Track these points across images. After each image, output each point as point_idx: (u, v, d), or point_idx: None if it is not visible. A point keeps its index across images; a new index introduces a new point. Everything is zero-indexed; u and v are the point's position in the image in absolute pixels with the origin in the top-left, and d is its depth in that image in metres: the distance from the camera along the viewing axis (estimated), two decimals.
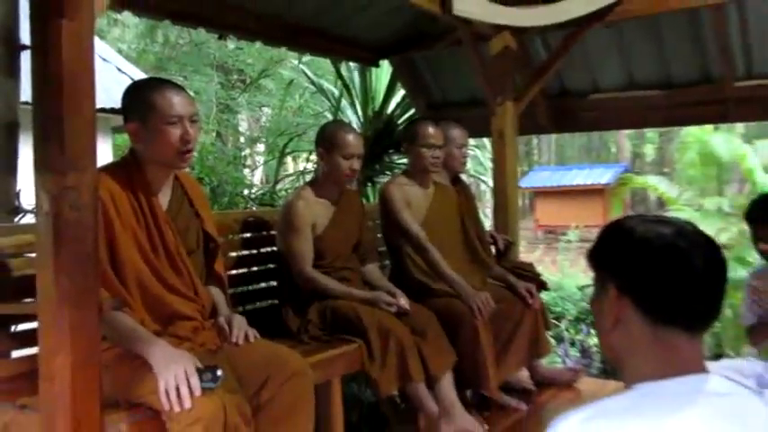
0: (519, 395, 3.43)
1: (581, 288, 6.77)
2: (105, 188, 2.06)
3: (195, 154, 5.35)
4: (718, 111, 4.22)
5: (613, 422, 0.99)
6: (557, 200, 20.28)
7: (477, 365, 3.04)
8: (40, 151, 1.74)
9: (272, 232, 3.21)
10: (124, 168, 2.20)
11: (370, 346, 2.74)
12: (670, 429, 0.97)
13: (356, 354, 2.74)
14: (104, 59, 8.02)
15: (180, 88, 2.20)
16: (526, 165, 28.15)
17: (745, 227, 3.26)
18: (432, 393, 2.88)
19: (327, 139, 2.99)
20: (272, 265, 3.21)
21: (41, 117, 1.74)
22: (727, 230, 6.39)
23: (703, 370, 1.09)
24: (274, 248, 3.17)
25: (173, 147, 2.13)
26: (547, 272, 7.84)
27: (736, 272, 5.99)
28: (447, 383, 2.89)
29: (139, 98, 2.14)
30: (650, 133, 26.18)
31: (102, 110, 5.51)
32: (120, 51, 10.80)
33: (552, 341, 5.90)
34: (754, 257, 3.46)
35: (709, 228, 6.84)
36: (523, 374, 3.62)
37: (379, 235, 3.50)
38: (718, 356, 5.94)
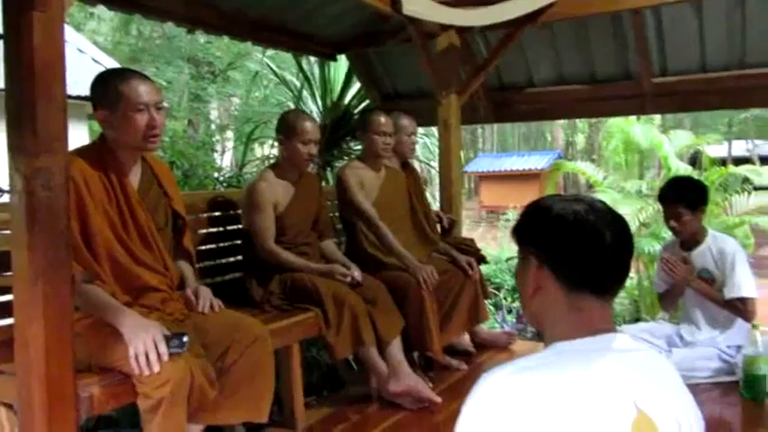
0: (461, 357, 3.49)
1: (507, 260, 6.87)
2: (78, 169, 2.01)
3: (167, 139, 5.28)
4: (637, 104, 4.30)
5: (533, 375, 1.01)
6: (499, 183, 20.53)
7: (422, 331, 3.07)
8: (14, 135, 1.69)
9: (238, 211, 3.18)
10: (96, 151, 2.14)
11: (327, 314, 2.75)
12: (581, 380, 1.00)
13: (314, 321, 2.74)
14: (81, 51, 7.74)
15: (145, 78, 2.15)
16: (472, 152, 28.36)
17: (660, 206, 3.35)
18: (382, 356, 2.90)
19: (287, 127, 2.96)
20: (237, 242, 3.17)
21: (15, 102, 1.68)
22: (645, 210, 6.54)
23: (612, 330, 1.11)
24: (240, 226, 3.14)
25: (140, 132, 2.09)
26: (488, 247, 7.95)
27: (653, 247, 6.15)
28: (396, 347, 2.91)
29: (108, 88, 2.08)
30: (581, 124, 26.61)
31: (78, 97, 5.33)
32: (95, 43, 10.45)
33: (492, 308, 6.01)
34: (668, 233, 3.56)
35: (629, 208, 7.02)
36: (465, 338, 3.68)
37: (335, 214, 3.49)
38: (636, 321, 6.10)
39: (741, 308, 3.14)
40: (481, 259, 3.73)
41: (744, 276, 3.12)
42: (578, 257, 1.09)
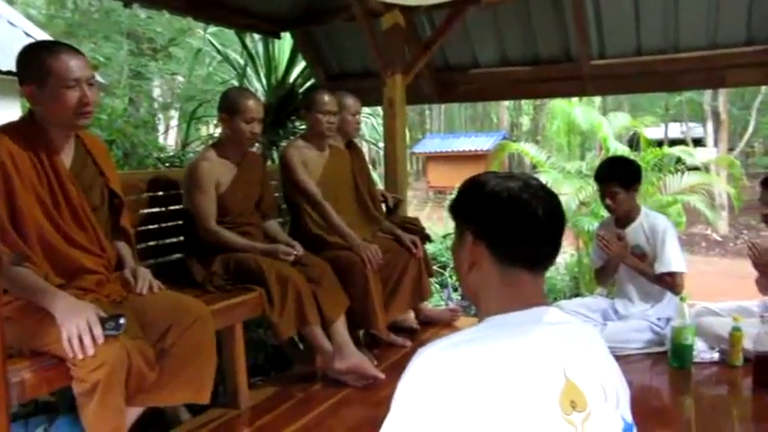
0: (405, 334, 3.53)
1: (444, 237, 6.93)
2: (4, 147, 1.92)
3: (105, 117, 5.10)
4: (578, 85, 4.38)
5: (466, 349, 1.03)
6: (446, 163, 20.71)
7: (367, 309, 3.08)
8: None
9: (180, 191, 3.11)
10: (24, 129, 2.05)
11: (270, 293, 2.73)
12: (513, 351, 1.02)
13: (257, 301, 2.71)
14: (12, 24, 7.36)
15: (76, 51, 2.05)
16: (420, 132, 28.45)
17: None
18: (327, 335, 2.90)
19: (229, 105, 2.90)
20: (179, 222, 3.11)
21: None
22: (584, 189, 6.71)
23: (544, 303, 1.14)
24: (181, 206, 3.07)
25: (71, 109, 2.00)
26: (435, 227, 8.01)
27: (593, 225, 6.33)
28: (340, 325, 2.92)
29: (35, 62, 1.98)
30: (526, 105, 27.01)
31: (9, 73, 5.07)
32: (29, 17, 9.94)
33: (437, 287, 6.08)
34: (606, 212, 3.67)
35: (570, 187, 7.20)
36: (409, 315, 3.72)
37: (279, 194, 3.45)
38: (576, 296, 6.24)
39: (671, 282, 3.28)
40: (426, 238, 3.76)
41: (673, 252, 3.26)
42: (512, 233, 1.11)
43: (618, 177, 3.28)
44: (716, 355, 3.09)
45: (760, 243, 3.24)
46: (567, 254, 9.28)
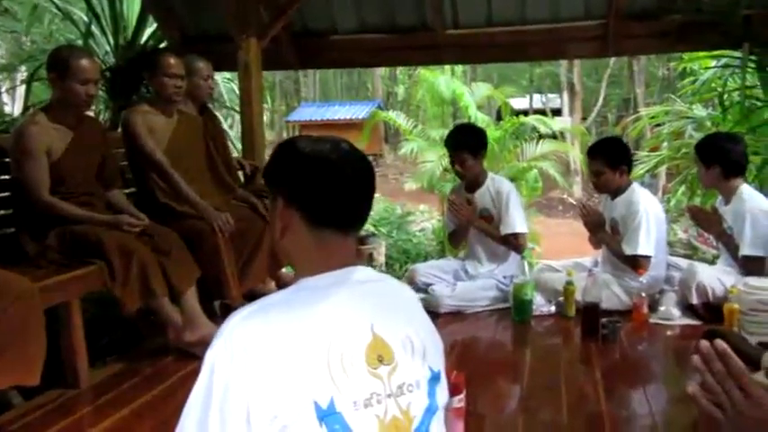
0: None
1: None
2: None
3: None
4: (434, 54, 4.51)
5: (269, 315, 1.03)
6: (321, 132, 20.50)
7: (219, 279, 3.02)
8: None
9: (6, 160, 2.85)
10: None
11: (112, 266, 2.60)
12: (320, 313, 1.04)
13: (96, 275, 2.57)
14: None
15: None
16: (295, 101, 28.01)
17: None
18: (179, 307, 2.82)
19: (60, 65, 2.67)
20: (7, 193, 2.85)
21: None
22: (447, 156, 6.94)
23: (354, 263, 1.15)
24: (9, 176, 2.81)
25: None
26: None
27: None
28: (191, 296, 2.84)
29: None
30: (401, 75, 27.36)
31: None
32: None
33: None
34: None
35: (434, 155, 7.44)
36: (270, 284, 3.69)
37: (124, 162, 3.27)
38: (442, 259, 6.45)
39: (514, 242, 3.51)
40: None
41: (516, 214, 3.48)
42: (321, 195, 1.11)
43: (466, 145, 3.43)
44: (553, 308, 3.37)
45: (590, 205, 3.53)
46: (434, 219, 9.65)
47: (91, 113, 3.12)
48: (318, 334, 1.01)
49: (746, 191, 3.10)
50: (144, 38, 4.87)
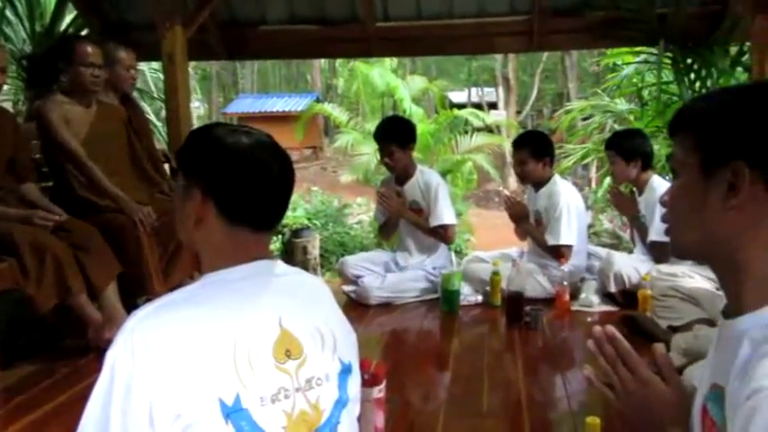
0: None
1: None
2: None
3: None
4: (364, 47, 4.50)
5: (171, 311, 1.00)
6: (259, 124, 19.80)
7: (142, 274, 2.94)
8: None
9: None
10: None
11: (24, 263, 2.48)
12: (223, 309, 1.02)
13: (7, 272, 2.46)
14: None
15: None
16: (233, 92, 27.47)
17: None
18: (99, 304, 2.73)
19: None
20: None
21: None
22: None
23: (266, 257, 1.13)
24: None
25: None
26: None
27: None
28: (111, 292, 2.76)
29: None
30: (341, 67, 27.22)
31: None
32: None
33: None
34: None
35: (369, 147, 7.45)
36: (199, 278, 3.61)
37: (39, 155, 3.13)
38: None
39: (443, 234, 3.56)
40: None
41: (445, 206, 3.53)
42: (243, 193, 1.08)
43: (394, 137, 3.45)
44: (480, 298, 3.44)
45: (514, 197, 3.63)
46: (371, 212, 9.67)
47: (6, 105, 2.96)
48: (224, 330, 1.00)
49: (657, 181, 3.25)
50: (64, 25, 4.66)
